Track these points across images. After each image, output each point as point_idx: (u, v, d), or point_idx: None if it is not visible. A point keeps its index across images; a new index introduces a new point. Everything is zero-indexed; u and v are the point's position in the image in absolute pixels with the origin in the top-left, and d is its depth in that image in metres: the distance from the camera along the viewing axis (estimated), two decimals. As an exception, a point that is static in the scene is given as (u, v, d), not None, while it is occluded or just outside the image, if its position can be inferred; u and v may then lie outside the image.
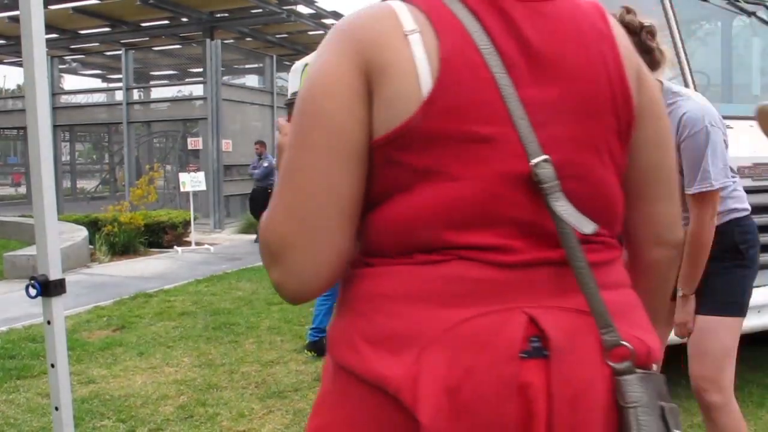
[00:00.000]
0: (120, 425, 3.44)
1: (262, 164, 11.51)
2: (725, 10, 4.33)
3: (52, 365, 1.92)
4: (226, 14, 17.59)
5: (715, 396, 2.24)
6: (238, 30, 18.32)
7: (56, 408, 1.94)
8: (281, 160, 0.94)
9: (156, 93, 18.78)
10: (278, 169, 0.96)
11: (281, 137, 1.00)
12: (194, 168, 12.51)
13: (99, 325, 5.59)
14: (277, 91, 16.11)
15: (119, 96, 16.06)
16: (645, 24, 2.09)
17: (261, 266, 5.28)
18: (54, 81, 15.98)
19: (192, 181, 10.66)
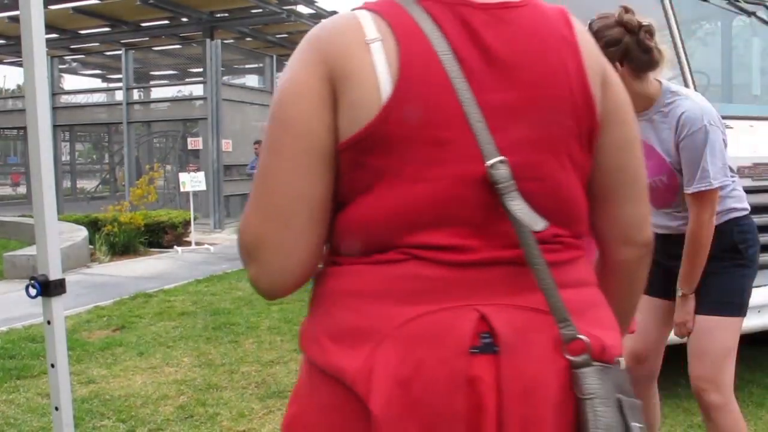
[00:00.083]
0: (120, 425, 3.44)
1: (262, 164, 11.48)
2: (725, 10, 4.33)
3: (52, 365, 1.92)
4: (226, 14, 17.58)
5: (715, 396, 2.24)
6: (238, 30, 18.32)
7: (56, 408, 1.94)
8: None
9: (156, 93, 18.76)
10: None
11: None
12: (194, 168, 12.50)
13: (99, 325, 5.59)
14: (277, 91, 16.07)
15: (119, 96, 16.04)
16: (643, 23, 2.08)
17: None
18: (54, 81, 15.97)
19: (192, 181, 10.65)
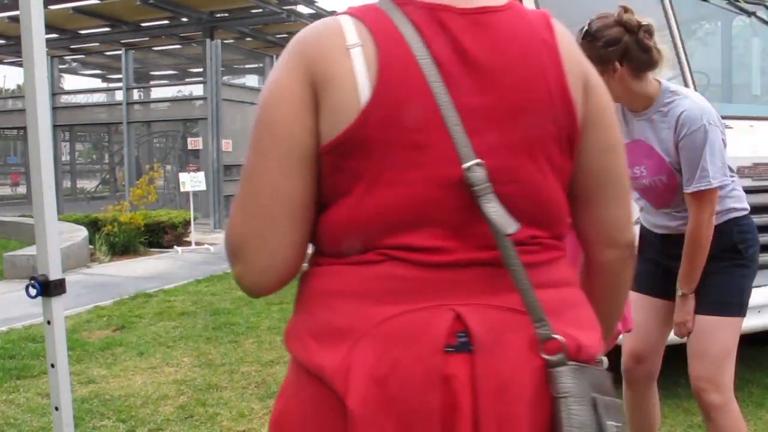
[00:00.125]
0: (120, 425, 3.44)
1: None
2: (725, 10, 4.33)
3: (52, 365, 1.92)
4: (226, 14, 17.58)
5: (715, 396, 2.24)
6: (238, 30, 18.32)
7: (56, 408, 1.94)
8: None
9: (156, 93, 18.76)
10: None
11: None
12: (194, 168, 12.48)
13: (99, 325, 5.58)
14: (277, 91, 16.06)
15: (119, 96, 16.03)
16: (643, 23, 2.09)
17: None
18: (54, 81, 15.97)
19: (192, 181, 10.64)
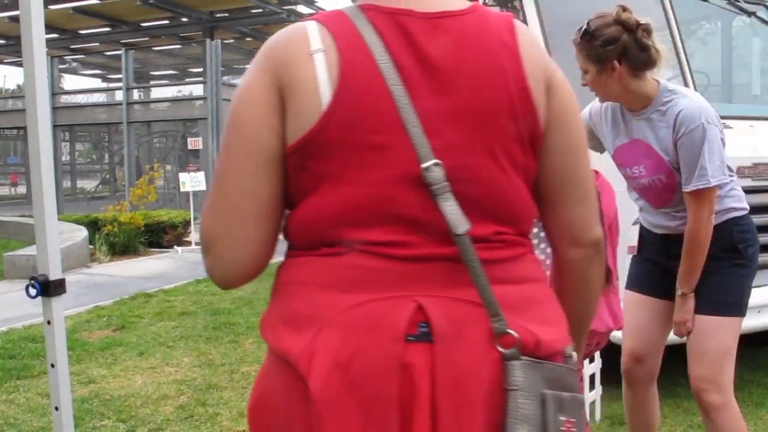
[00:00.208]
0: (120, 425, 3.44)
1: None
2: (725, 10, 4.33)
3: (52, 365, 1.92)
4: (226, 14, 17.59)
5: (715, 396, 2.24)
6: (238, 30, 18.33)
7: (56, 408, 1.94)
8: None
9: (156, 93, 18.76)
10: None
11: None
12: (194, 168, 12.48)
13: (99, 325, 5.58)
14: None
15: (119, 96, 16.04)
16: (641, 22, 2.11)
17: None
18: (54, 81, 15.97)
19: (192, 181, 10.65)
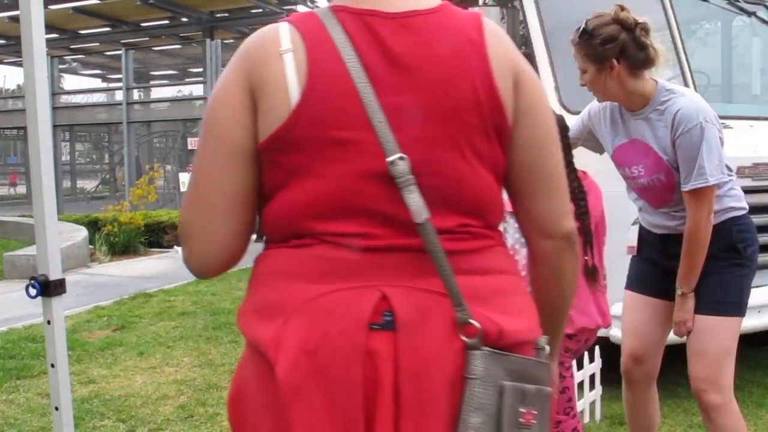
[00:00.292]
0: (120, 425, 3.44)
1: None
2: (725, 10, 4.33)
3: (52, 365, 1.92)
4: (226, 14, 17.60)
5: (715, 396, 2.23)
6: (238, 30, 18.32)
7: (56, 408, 1.94)
8: None
9: (156, 93, 18.77)
10: None
11: None
12: (194, 168, 12.48)
13: (99, 325, 5.58)
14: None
15: (119, 96, 16.05)
16: (639, 21, 2.12)
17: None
18: (54, 81, 15.97)
19: (192, 181, 10.64)
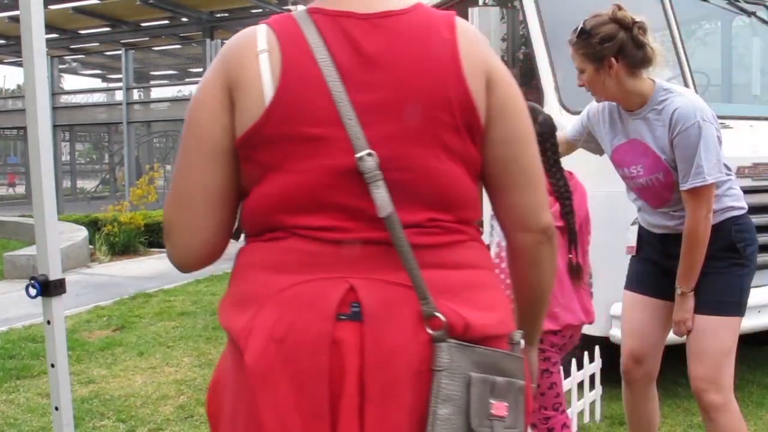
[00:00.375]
0: (120, 425, 3.44)
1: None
2: (725, 10, 4.33)
3: (52, 365, 1.92)
4: (226, 14, 17.60)
5: (715, 396, 2.23)
6: (238, 30, 18.31)
7: (56, 408, 1.94)
8: None
9: (156, 93, 18.77)
10: None
11: None
12: (194, 168, 12.47)
13: (99, 325, 5.58)
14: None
15: (119, 96, 16.06)
16: (636, 20, 2.13)
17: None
18: (54, 81, 15.97)
19: (192, 181, 10.63)
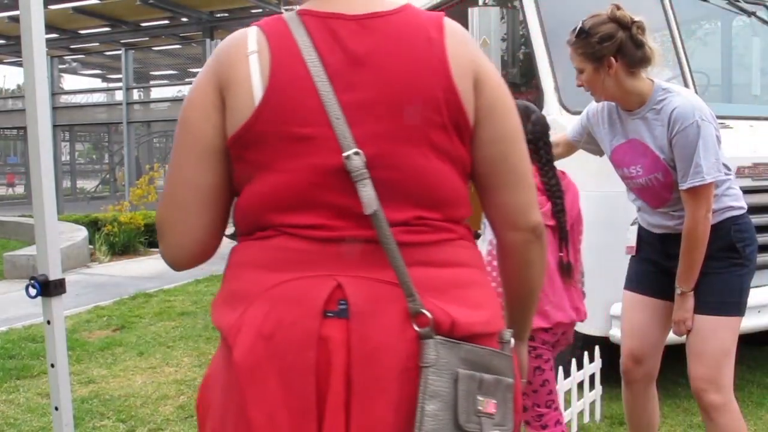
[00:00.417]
0: (120, 425, 3.44)
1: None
2: (725, 10, 4.33)
3: (52, 365, 1.92)
4: (226, 14, 17.60)
5: (715, 396, 2.23)
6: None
7: (56, 408, 1.94)
8: None
9: (156, 93, 18.76)
10: None
11: None
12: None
13: (99, 325, 5.58)
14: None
15: (119, 96, 16.05)
16: (635, 19, 2.14)
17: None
18: (54, 81, 15.96)
19: (192, 181, 10.63)
